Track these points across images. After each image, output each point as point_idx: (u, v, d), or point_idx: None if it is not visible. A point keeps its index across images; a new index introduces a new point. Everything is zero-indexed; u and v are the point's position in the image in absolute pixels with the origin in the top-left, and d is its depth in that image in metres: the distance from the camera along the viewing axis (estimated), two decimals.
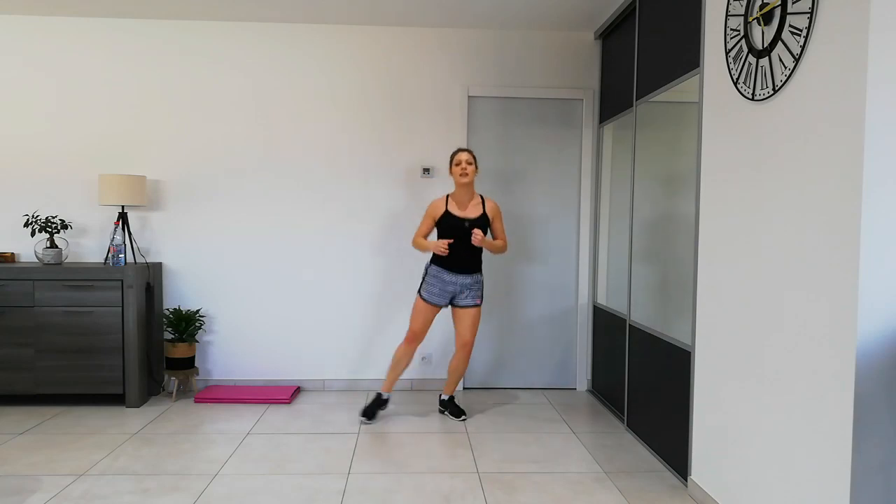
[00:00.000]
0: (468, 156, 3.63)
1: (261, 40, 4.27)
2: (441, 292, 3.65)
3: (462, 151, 3.64)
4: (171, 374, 4.09)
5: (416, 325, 3.68)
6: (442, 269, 3.64)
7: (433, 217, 3.69)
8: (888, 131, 1.76)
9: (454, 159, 3.65)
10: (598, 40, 4.37)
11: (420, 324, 3.68)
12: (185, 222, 4.30)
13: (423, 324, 3.68)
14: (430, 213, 3.70)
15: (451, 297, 3.69)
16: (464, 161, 3.61)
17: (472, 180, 3.63)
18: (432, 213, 3.69)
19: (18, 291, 3.81)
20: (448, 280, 3.64)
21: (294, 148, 4.31)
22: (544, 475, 2.97)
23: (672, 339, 3.03)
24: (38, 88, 4.20)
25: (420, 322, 3.68)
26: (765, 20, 2.22)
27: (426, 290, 3.67)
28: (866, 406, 1.79)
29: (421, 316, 3.67)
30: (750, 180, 2.34)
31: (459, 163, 3.62)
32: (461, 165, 3.61)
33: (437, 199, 3.74)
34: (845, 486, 1.82)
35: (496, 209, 3.74)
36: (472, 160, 3.63)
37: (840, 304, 1.85)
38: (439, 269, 3.65)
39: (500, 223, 3.76)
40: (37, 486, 2.77)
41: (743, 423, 2.39)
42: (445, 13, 4.04)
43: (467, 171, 3.60)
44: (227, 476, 2.92)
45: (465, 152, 3.64)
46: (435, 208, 3.69)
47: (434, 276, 3.65)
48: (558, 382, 4.52)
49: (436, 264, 3.67)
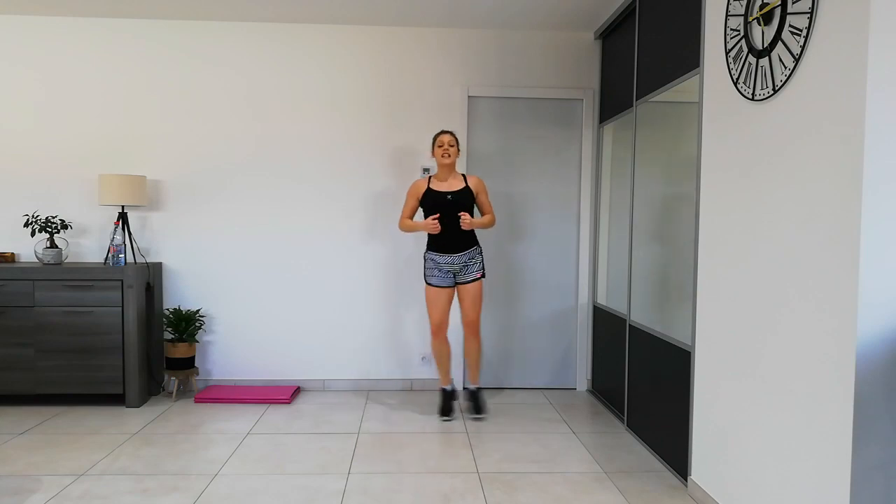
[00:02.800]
0: (450, 138, 3.67)
1: (261, 40, 4.27)
2: (441, 274, 3.70)
3: (444, 133, 3.69)
4: (171, 374, 4.09)
5: (434, 315, 3.73)
6: (434, 253, 3.69)
7: (416, 196, 3.73)
8: (888, 131, 1.76)
9: (436, 140, 3.70)
10: (598, 40, 4.37)
11: (438, 313, 3.72)
12: (185, 222, 4.30)
13: (441, 311, 3.71)
14: (413, 192, 3.75)
15: (454, 276, 3.73)
16: (446, 143, 3.66)
17: (453, 161, 3.68)
18: (414, 191, 3.74)
19: (18, 291, 3.81)
20: (443, 262, 3.68)
21: (294, 148, 4.31)
22: (544, 475, 2.97)
23: (672, 339, 3.03)
24: (39, 88, 4.20)
25: (437, 311, 3.72)
26: (765, 20, 2.22)
27: (428, 276, 3.72)
28: (866, 406, 1.79)
29: (435, 304, 3.71)
30: (750, 180, 2.34)
31: (442, 144, 3.67)
32: (443, 147, 3.66)
33: (418, 178, 3.78)
34: (845, 486, 1.82)
35: (480, 183, 3.77)
36: (454, 142, 3.68)
37: (840, 303, 1.85)
38: (432, 252, 3.70)
39: (485, 196, 3.78)
40: (37, 486, 2.77)
41: (743, 423, 2.39)
42: (445, 13, 4.04)
43: (449, 153, 3.65)
44: (227, 476, 2.92)
45: (447, 134, 3.69)
46: (417, 187, 3.74)
47: (430, 260, 3.71)
48: (558, 382, 4.52)
49: (429, 249, 3.72)
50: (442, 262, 3.67)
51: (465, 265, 3.69)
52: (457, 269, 3.70)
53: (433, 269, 3.70)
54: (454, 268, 3.69)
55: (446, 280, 3.70)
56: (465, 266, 3.69)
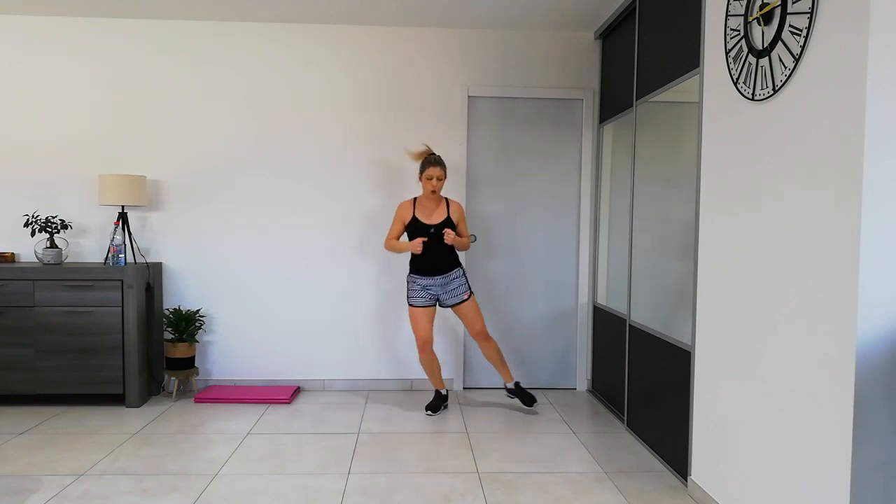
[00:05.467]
0: (439, 172, 3.70)
1: (262, 40, 4.27)
2: (424, 295, 3.78)
3: (434, 166, 3.68)
4: (171, 374, 4.09)
5: (419, 332, 3.80)
6: (416, 275, 3.79)
7: (402, 221, 3.81)
8: (888, 131, 1.76)
9: (425, 172, 3.71)
10: (598, 40, 4.37)
11: (422, 329, 3.79)
12: (185, 222, 4.30)
13: (425, 327, 3.80)
14: (399, 216, 3.82)
15: (437, 298, 3.82)
16: (435, 177, 3.69)
17: (439, 193, 3.76)
18: (401, 216, 3.81)
19: (18, 291, 3.81)
20: (425, 283, 3.77)
21: (294, 148, 4.31)
22: (544, 475, 2.97)
23: (672, 339, 3.03)
24: (39, 88, 4.20)
25: (422, 327, 3.79)
26: (765, 20, 2.22)
27: (411, 297, 3.81)
28: (866, 406, 1.79)
29: (419, 321, 3.79)
30: (750, 180, 2.34)
31: (431, 178, 3.70)
32: (432, 181, 3.70)
33: (405, 201, 3.85)
34: (845, 486, 1.82)
35: (460, 212, 3.85)
36: (442, 176, 3.71)
37: (840, 303, 1.85)
38: (414, 275, 3.80)
39: (463, 225, 3.89)
40: (37, 486, 2.77)
41: (743, 423, 2.39)
42: (445, 13, 4.04)
43: (437, 188, 3.71)
44: (227, 476, 2.92)
45: (436, 168, 3.68)
46: (404, 212, 3.81)
47: (413, 282, 3.80)
48: (558, 382, 4.52)
49: (412, 272, 3.81)
50: (425, 284, 3.77)
51: (448, 286, 3.78)
52: (439, 292, 3.79)
53: (417, 291, 3.78)
54: (436, 290, 3.78)
55: (430, 301, 3.80)
56: (448, 286, 3.78)
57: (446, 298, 3.80)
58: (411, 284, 3.81)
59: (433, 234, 3.73)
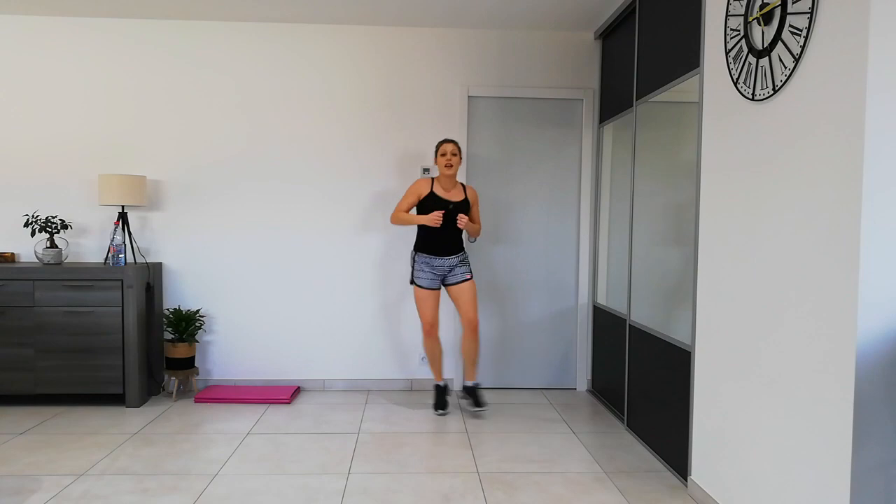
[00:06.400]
0: (453, 147, 3.74)
1: (261, 40, 4.27)
2: (432, 276, 3.78)
3: (447, 142, 3.76)
4: (171, 374, 4.09)
5: (425, 315, 3.80)
6: (428, 255, 3.77)
7: (417, 195, 3.79)
8: (888, 131, 1.76)
9: (439, 149, 3.77)
10: (598, 40, 4.37)
11: (429, 312, 3.79)
12: (185, 222, 4.30)
13: (432, 310, 3.80)
14: (415, 189, 3.79)
15: (442, 279, 3.83)
16: (449, 152, 3.72)
17: (456, 171, 3.75)
18: (417, 190, 3.79)
19: (18, 291, 3.81)
20: (436, 264, 3.77)
21: (294, 148, 4.31)
22: (544, 475, 2.97)
23: (672, 339, 3.03)
24: (38, 88, 4.20)
25: (428, 310, 3.79)
26: (765, 20, 2.22)
27: (418, 278, 3.79)
28: (866, 406, 1.79)
29: (425, 304, 3.79)
30: (750, 180, 2.34)
31: (445, 153, 3.73)
32: (446, 156, 3.73)
33: (421, 178, 3.85)
34: (845, 487, 1.82)
35: (476, 196, 3.93)
36: (456, 151, 3.75)
37: (840, 303, 1.85)
38: (425, 255, 3.77)
39: (477, 209, 3.95)
40: (37, 486, 2.77)
41: (743, 422, 2.39)
42: (445, 13, 4.04)
43: (452, 163, 3.72)
44: (227, 476, 2.92)
45: (450, 143, 3.75)
46: (420, 186, 3.80)
47: (423, 262, 3.77)
48: (558, 382, 4.52)
49: (422, 251, 3.78)
50: (436, 265, 3.76)
51: (456, 266, 3.80)
52: (447, 271, 3.80)
53: (426, 271, 3.77)
54: (445, 270, 3.78)
55: (435, 282, 3.80)
56: (456, 267, 3.80)
57: (451, 277, 3.81)
58: (419, 264, 3.78)
59: (452, 210, 3.72)
